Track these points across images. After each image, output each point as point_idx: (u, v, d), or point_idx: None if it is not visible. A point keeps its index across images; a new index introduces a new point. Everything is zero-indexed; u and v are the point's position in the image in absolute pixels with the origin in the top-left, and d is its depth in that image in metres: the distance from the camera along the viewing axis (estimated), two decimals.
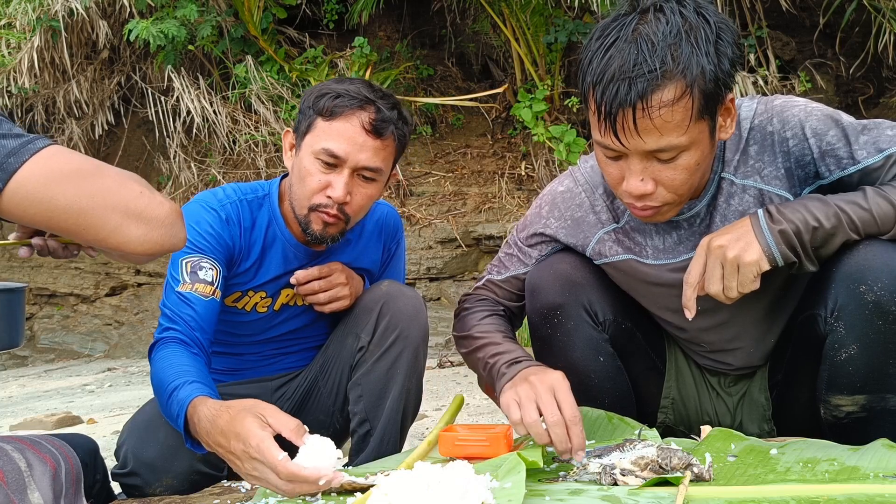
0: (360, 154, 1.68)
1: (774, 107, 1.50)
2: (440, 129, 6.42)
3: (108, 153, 7.07)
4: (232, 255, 1.77)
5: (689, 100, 1.34)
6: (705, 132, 1.39)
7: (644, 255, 1.61)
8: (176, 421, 1.46)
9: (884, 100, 5.47)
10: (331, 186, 1.69)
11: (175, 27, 5.68)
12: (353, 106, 1.68)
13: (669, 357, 1.76)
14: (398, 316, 1.76)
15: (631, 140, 1.36)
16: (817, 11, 5.15)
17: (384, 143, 1.71)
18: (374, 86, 1.75)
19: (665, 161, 1.38)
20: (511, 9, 5.49)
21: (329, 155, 1.68)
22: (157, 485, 1.62)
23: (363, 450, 1.77)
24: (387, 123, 1.70)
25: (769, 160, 1.50)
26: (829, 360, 1.44)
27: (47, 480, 1.19)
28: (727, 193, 1.53)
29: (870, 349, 1.38)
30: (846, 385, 1.42)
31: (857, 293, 1.36)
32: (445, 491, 1.14)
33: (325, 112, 1.69)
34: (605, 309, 1.64)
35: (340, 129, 1.68)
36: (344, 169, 1.68)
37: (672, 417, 1.77)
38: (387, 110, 1.70)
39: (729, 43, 1.39)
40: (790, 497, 1.18)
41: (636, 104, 1.33)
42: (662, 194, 1.42)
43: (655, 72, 1.32)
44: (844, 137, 1.44)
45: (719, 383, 1.74)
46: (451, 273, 5.72)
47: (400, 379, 1.76)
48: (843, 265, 1.39)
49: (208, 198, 1.78)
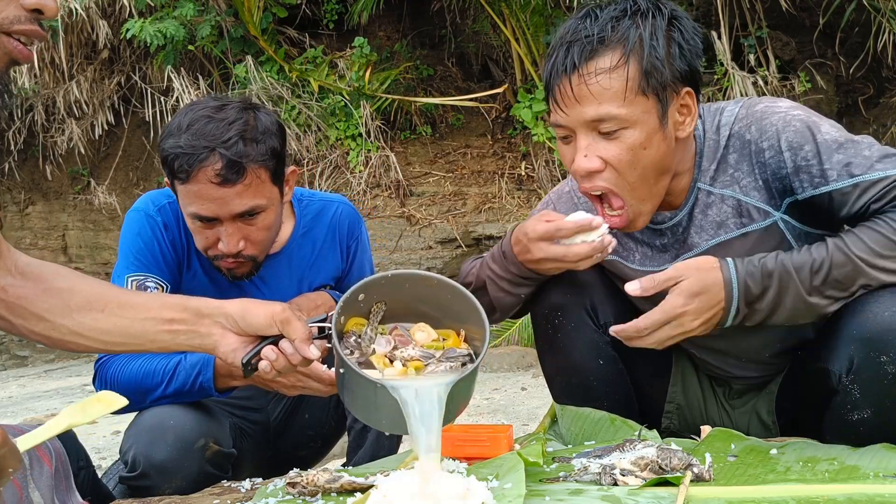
0: (228, 207, 1.60)
1: (754, 113, 1.47)
2: (440, 129, 6.42)
3: (108, 153, 7.07)
4: (178, 261, 1.76)
5: (625, 69, 1.37)
6: (651, 114, 1.39)
7: (631, 259, 1.61)
8: (197, 379, 1.52)
9: (884, 100, 5.47)
10: (220, 240, 1.64)
11: (174, 27, 5.67)
12: (195, 164, 1.57)
13: (676, 362, 1.74)
14: None
15: (571, 109, 1.40)
16: (817, 11, 5.14)
17: (245, 185, 1.60)
18: (214, 117, 1.61)
19: (608, 136, 1.39)
20: (511, 9, 5.49)
21: (200, 217, 1.62)
22: (166, 486, 1.62)
23: (361, 446, 1.77)
24: (236, 167, 1.58)
25: (747, 170, 1.47)
26: (840, 416, 1.40)
27: (45, 479, 1.19)
28: (704, 204, 1.51)
29: (885, 415, 1.35)
30: (855, 440, 1.39)
31: (876, 362, 1.32)
32: (445, 491, 1.14)
33: (175, 175, 1.61)
34: (606, 311, 1.63)
35: (195, 191, 1.59)
36: (224, 222, 1.62)
37: (677, 423, 1.75)
38: (230, 151, 1.57)
39: (682, 35, 1.41)
40: (790, 497, 1.18)
41: (572, 71, 1.38)
42: (612, 176, 1.42)
43: (592, 37, 1.37)
44: (818, 154, 1.39)
45: (724, 394, 1.72)
46: (451, 273, 5.72)
47: None
48: (863, 326, 1.33)
49: (147, 202, 1.76)
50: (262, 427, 1.90)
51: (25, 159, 7.07)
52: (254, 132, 1.61)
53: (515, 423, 3.19)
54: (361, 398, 1.28)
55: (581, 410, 1.62)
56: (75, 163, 6.96)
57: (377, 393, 1.21)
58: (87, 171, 7.02)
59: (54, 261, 7.09)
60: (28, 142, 6.94)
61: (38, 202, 7.22)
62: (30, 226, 7.25)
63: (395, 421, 1.21)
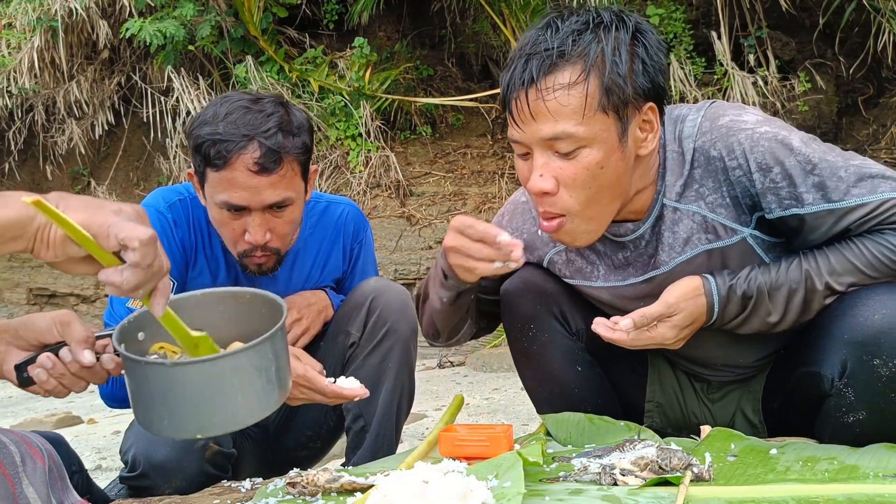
0: (260, 196, 1.61)
1: (719, 128, 1.41)
2: (440, 129, 6.42)
3: (108, 153, 7.07)
4: (185, 259, 1.76)
5: (584, 86, 1.31)
6: (610, 132, 1.33)
7: (594, 276, 1.57)
8: None
9: (884, 100, 5.47)
10: (247, 231, 1.64)
11: (174, 27, 5.68)
12: (234, 150, 1.58)
13: (652, 362, 1.74)
14: (387, 310, 1.77)
15: (526, 126, 1.33)
16: (817, 11, 5.14)
17: (280, 175, 1.61)
18: (251, 108, 1.63)
19: (565, 156, 1.33)
20: (511, 9, 5.49)
21: (229, 206, 1.62)
22: (166, 486, 1.62)
23: (359, 446, 1.77)
24: (274, 155, 1.59)
25: (713, 187, 1.42)
26: (835, 418, 1.40)
27: (39, 476, 1.19)
28: (671, 220, 1.46)
29: (880, 415, 1.35)
30: (851, 442, 1.39)
31: (869, 366, 1.31)
32: (445, 491, 1.14)
33: (209, 162, 1.61)
34: (577, 318, 1.62)
35: (230, 178, 1.59)
36: (252, 212, 1.63)
37: (658, 421, 1.74)
38: (269, 141, 1.59)
39: (646, 50, 1.35)
40: (790, 497, 1.18)
41: (529, 85, 1.32)
42: (565, 199, 1.36)
43: (552, 51, 1.31)
44: (789, 177, 1.35)
45: (703, 389, 1.71)
46: None
47: (392, 372, 1.76)
48: (854, 330, 1.32)
49: (159, 199, 1.76)
50: (261, 427, 1.90)
51: (25, 159, 7.08)
52: (290, 125, 1.63)
53: (515, 423, 3.19)
54: (148, 396, 1.16)
55: (561, 416, 1.62)
56: (75, 163, 6.96)
57: (164, 377, 1.13)
58: (88, 171, 7.02)
59: None
60: (28, 142, 6.94)
61: None
62: None
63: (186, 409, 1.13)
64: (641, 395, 1.74)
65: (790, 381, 1.53)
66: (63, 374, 1.20)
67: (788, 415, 1.59)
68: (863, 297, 1.33)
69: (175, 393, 1.14)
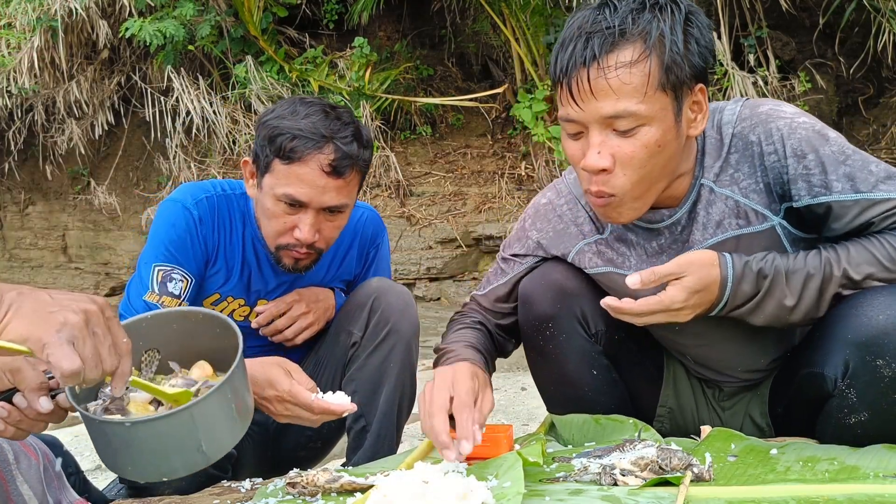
0: (324, 196, 1.66)
1: (759, 114, 1.45)
2: (440, 129, 6.42)
3: (108, 153, 7.07)
4: (206, 257, 1.77)
5: (647, 64, 1.32)
6: (668, 111, 1.35)
7: (626, 265, 1.57)
8: None
9: (884, 100, 5.47)
10: (297, 228, 1.67)
11: (174, 27, 5.67)
12: (310, 148, 1.63)
13: (667, 365, 1.73)
14: (389, 310, 1.77)
15: (588, 103, 1.33)
16: (817, 11, 5.14)
17: (346, 181, 1.68)
18: (330, 113, 1.69)
19: (624, 134, 1.35)
20: (511, 9, 5.49)
21: (291, 200, 1.65)
22: (165, 486, 1.62)
23: (360, 446, 1.77)
24: (347, 161, 1.66)
25: (748, 172, 1.45)
26: (837, 419, 1.40)
27: (34, 473, 1.19)
28: (707, 201, 1.48)
29: (882, 417, 1.35)
30: (853, 443, 1.39)
31: (872, 366, 1.31)
32: (445, 491, 1.14)
33: (282, 154, 1.64)
34: (597, 319, 1.60)
35: (300, 173, 1.64)
36: (309, 210, 1.67)
37: (668, 426, 1.74)
38: (345, 146, 1.65)
39: (699, 31, 1.37)
40: (790, 497, 1.18)
41: (591, 63, 1.32)
42: (620, 178, 1.37)
43: (613, 29, 1.31)
44: (822, 165, 1.38)
45: (714, 396, 1.71)
46: (451, 273, 5.72)
47: (394, 373, 1.76)
48: (858, 330, 1.32)
49: (186, 194, 1.77)
50: (262, 427, 1.90)
51: (25, 159, 7.07)
52: (362, 138, 1.70)
53: (515, 423, 3.19)
54: (109, 447, 1.16)
55: (567, 416, 1.62)
56: (75, 163, 6.96)
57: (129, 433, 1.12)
58: (87, 171, 7.01)
59: (54, 261, 7.10)
60: (28, 142, 6.94)
61: (38, 202, 7.22)
62: (30, 226, 7.24)
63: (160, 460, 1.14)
64: (654, 400, 1.73)
65: (793, 381, 1.53)
66: (21, 420, 1.16)
67: (793, 416, 1.58)
68: (866, 298, 1.33)
69: (136, 446, 1.14)
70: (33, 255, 7.19)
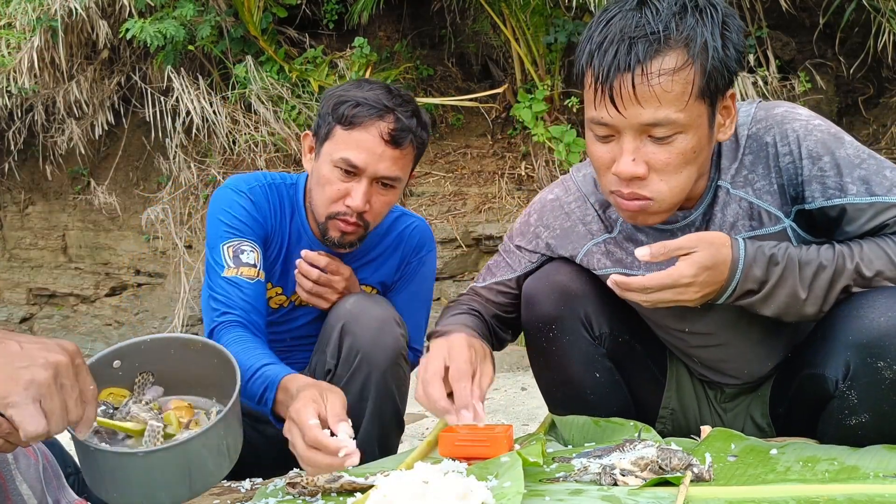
0: (380, 164, 1.69)
1: (774, 116, 1.44)
2: (440, 129, 6.42)
3: (108, 153, 7.07)
4: (267, 238, 1.80)
5: (690, 72, 1.29)
6: (704, 119, 1.33)
7: (635, 265, 1.56)
8: (262, 396, 1.51)
9: (884, 100, 5.47)
10: (349, 195, 1.71)
11: (174, 27, 5.67)
12: (372, 115, 1.69)
13: (671, 367, 1.73)
14: (360, 339, 1.68)
15: (628, 109, 1.30)
16: (817, 11, 5.14)
17: (403, 153, 1.72)
18: (393, 91, 1.75)
19: (660, 141, 1.32)
20: (511, 9, 5.49)
21: (348, 165, 1.69)
22: None
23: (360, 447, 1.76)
24: (405, 133, 1.70)
25: (763, 173, 1.44)
26: (837, 420, 1.40)
27: (33, 472, 1.19)
28: (723, 202, 1.48)
29: (883, 419, 1.35)
30: (854, 444, 1.39)
31: (873, 368, 1.31)
32: (445, 491, 1.14)
33: (343, 121, 1.70)
34: (601, 321, 1.59)
35: (359, 138, 1.69)
36: (363, 178, 1.70)
37: (670, 427, 1.74)
38: (405, 119, 1.70)
39: (736, 35, 1.34)
40: (790, 497, 1.18)
41: (635, 68, 1.28)
42: (654, 183, 1.35)
43: (658, 34, 1.28)
44: (837, 167, 1.38)
45: (716, 397, 1.71)
46: (450, 273, 5.72)
47: (370, 405, 1.70)
48: (859, 332, 1.32)
49: (238, 182, 1.82)
50: None
51: (25, 159, 7.07)
52: (422, 118, 1.76)
53: (515, 423, 3.19)
54: (97, 471, 1.17)
55: (567, 417, 1.61)
56: (75, 163, 6.96)
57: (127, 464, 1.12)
58: (87, 171, 7.01)
59: (54, 261, 7.10)
60: (28, 142, 6.93)
61: (38, 202, 7.21)
62: (30, 226, 7.24)
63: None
64: (657, 402, 1.73)
65: (794, 382, 1.53)
66: (10, 433, 1.13)
67: (794, 417, 1.58)
68: (868, 300, 1.33)
69: (123, 474, 1.14)
70: (33, 255, 7.19)
